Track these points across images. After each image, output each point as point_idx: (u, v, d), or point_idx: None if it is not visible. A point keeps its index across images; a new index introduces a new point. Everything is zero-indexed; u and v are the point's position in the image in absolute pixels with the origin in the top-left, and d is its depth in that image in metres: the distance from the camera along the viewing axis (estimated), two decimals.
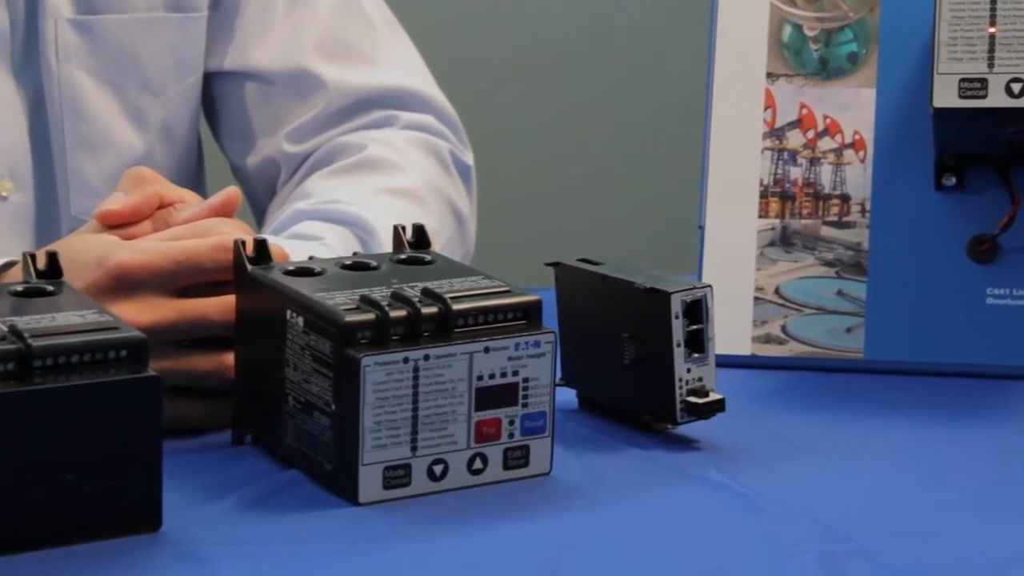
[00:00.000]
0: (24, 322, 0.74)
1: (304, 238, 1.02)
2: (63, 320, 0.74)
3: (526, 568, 0.73)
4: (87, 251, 0.85)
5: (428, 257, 0.85)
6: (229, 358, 0.85)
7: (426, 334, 0.79)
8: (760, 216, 1.02)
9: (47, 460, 0.72)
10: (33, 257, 0.81)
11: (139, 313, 0.83)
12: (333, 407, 0.78)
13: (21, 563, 0.71)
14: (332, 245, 1.01)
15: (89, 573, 0.71)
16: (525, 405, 0.81)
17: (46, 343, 0.72)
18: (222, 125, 1.18)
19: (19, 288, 0.79)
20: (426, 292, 0.80)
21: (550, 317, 0.84)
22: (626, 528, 0.77)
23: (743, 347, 1.01)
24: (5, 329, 0.73)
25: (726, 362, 0.96)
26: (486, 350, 0.79)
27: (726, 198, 1.03)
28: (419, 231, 0.87)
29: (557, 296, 0.92)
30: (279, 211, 1.09)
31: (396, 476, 0.78)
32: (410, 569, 0.73)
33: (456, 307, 0.79)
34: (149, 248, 0.85)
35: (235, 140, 1.17)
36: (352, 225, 1.04)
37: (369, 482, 0.78)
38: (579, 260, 0.91)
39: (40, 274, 0.81)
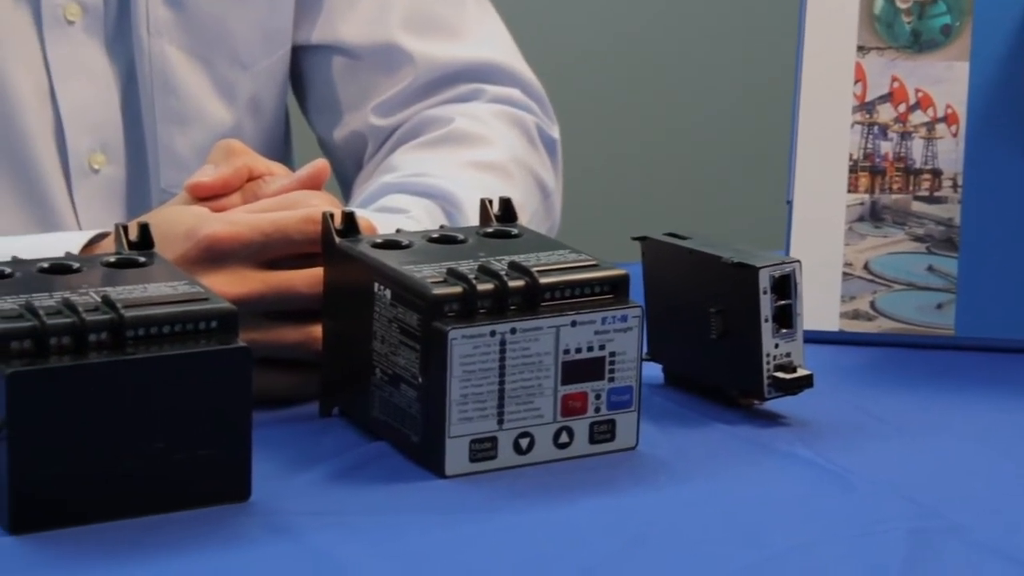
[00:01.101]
0: (117, 292, 0.75)
1: (391, 211, 1.02)
2: (155, 291, 0.75)
3: (611, 542, 0.73)
4: (178, 223, 0.86)
5: (515, 231, 0.85)
6: (317, 330, 0.86)
7: (513, 307, 0.79)
8: (849, 191, 1.01)
9: (138, 429, 0.73)
10: (125, 228, 0.82)
11: (228, 285, 0.84)
12: (420, 379, 0.79)
13: (110, 531, 0.72)
14: (418, 218, 1.01)
15: (178, 542, 0.72)
16: (611, 379, 0.81)
17: (138, 313, 0.73)
18: (309, 99, 1.18)
19: (111, 259, 0.80)
20: (513, 265, 0.80)
21: (636, 291, 0.83)
22: (712, 503, 0.77)
23: (831, 323, 1.00)
24: (98, 299, 0.74)
25: (814, 338, 0.96)
26: (573, 324, 0.79)
27: (815, 172, 1.01)
28: (506, 204, 0.87)
29: (644, 270, 0.91)
30: (366, 184, 1.09)
31: (482, 449, 0.79)
32: (496, 541, 0.73)
33: (543, 280, 0.79)
34: (238, 220, 0.86)
35: (322, 114, 1.17)
36: (438, 198, 1.04)
37: (455, 454, 0.78)
38: (666, 234, 0.91)
39: (132, 245, 0.81)
